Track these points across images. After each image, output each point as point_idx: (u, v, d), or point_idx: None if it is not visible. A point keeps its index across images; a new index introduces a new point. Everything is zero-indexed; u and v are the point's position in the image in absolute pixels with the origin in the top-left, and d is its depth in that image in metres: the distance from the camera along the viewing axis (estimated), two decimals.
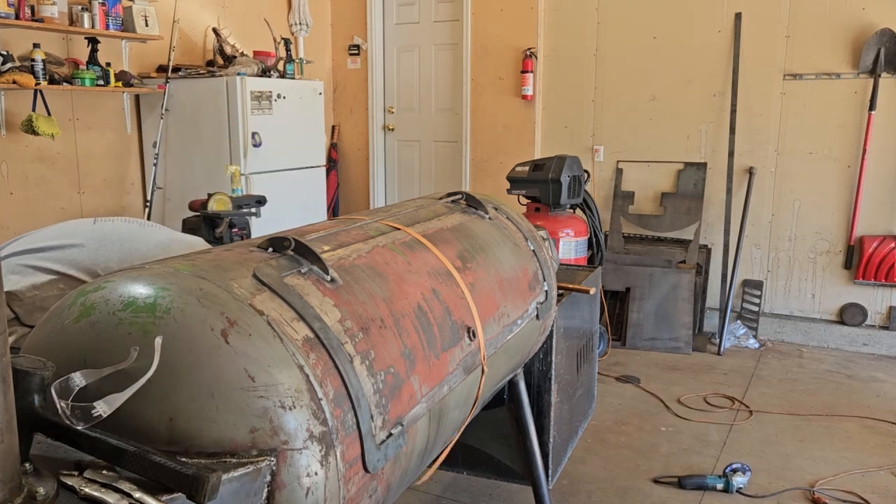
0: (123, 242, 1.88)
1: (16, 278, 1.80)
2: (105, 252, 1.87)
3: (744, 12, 4.94)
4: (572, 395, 2.88)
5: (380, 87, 6.36)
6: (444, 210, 2.06)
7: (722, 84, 5.06)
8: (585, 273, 3.04)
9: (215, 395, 1.04)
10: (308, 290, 1.28)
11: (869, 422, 3.71)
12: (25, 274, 1.83)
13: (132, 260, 1.84)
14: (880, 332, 4.78)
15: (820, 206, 4.91)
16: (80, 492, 0.93)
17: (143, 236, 1.95)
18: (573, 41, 5.50)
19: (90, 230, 1.90)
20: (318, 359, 1.16)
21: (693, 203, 5.17)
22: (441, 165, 6.25)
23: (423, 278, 1.60)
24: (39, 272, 1.82)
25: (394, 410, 1.30)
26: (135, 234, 1.93)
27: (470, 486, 3.02)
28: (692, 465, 3.25)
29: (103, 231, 1.90)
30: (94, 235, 1.89)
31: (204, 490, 0.90)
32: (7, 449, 0.85)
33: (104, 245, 1.88)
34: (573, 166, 4.56)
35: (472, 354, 1.65)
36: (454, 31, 5.99)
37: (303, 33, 6.07)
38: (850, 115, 4.75)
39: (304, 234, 1.50)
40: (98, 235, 1.89)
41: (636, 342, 4.88)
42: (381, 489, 1.29)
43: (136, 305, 1.11)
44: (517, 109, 5.73)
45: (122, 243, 1.88)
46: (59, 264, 1.83)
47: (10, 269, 1.83)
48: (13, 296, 1.77)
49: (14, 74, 3.83)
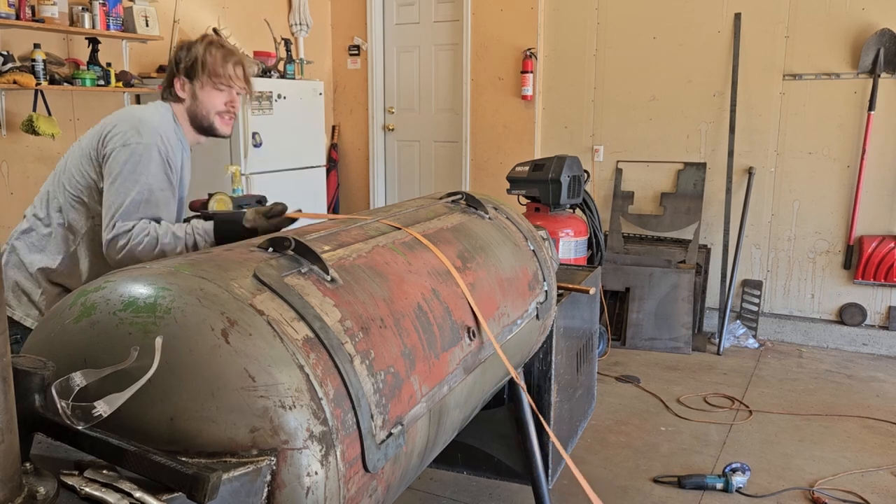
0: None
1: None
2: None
3: (743, 12, 4.94)
4: (572, 395, 2.88)
5: (380, 88, 6.36)
6: (444, 210, 2.07)
7: (722, 84, 5.06)
8: (585, 273, 3.04)
9: (216, 394, 1.04)
10: (308, 290, 1.28)
11: (868, 422, 3.71)
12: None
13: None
14: (880, 332, 4.78)
15: (819, 206, 4.91)
16: (81, 491, 0.93)
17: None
18: (573, 41, 5.50)
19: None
20: (318, 359, 1.16)
21: (693, 203, 5.17)
22: (441, 165, 6.25)
23: (423, 278, 1.60)
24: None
25: (394, 410, 1.30)
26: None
27: (470, 486, 3.02)
28: (692, 464, 3.25)
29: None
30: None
31: (204, 490, 0.90)
32: (7, 449, 0.85)
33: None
34: (573, 166, 4.56)
35: (473, 354, 1.66)
36: (454, 31, 5.99)
37: (303, 34, 6.07)
38: (850, 115, 4.75)
39: (305, 234, 1.51)
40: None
41: (636, 342, 4.88)
42: (381, 489, 1.29)
43: (136, 305, 1.11)
44: (517, 109, 5.73)
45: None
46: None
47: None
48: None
49: (15, 74, 3.83)
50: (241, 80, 2.25)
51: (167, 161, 2.11)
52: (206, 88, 2.21)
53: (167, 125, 2.18)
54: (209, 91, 2.21)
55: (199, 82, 2.20)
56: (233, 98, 2.25)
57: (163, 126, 2.16)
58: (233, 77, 2.22)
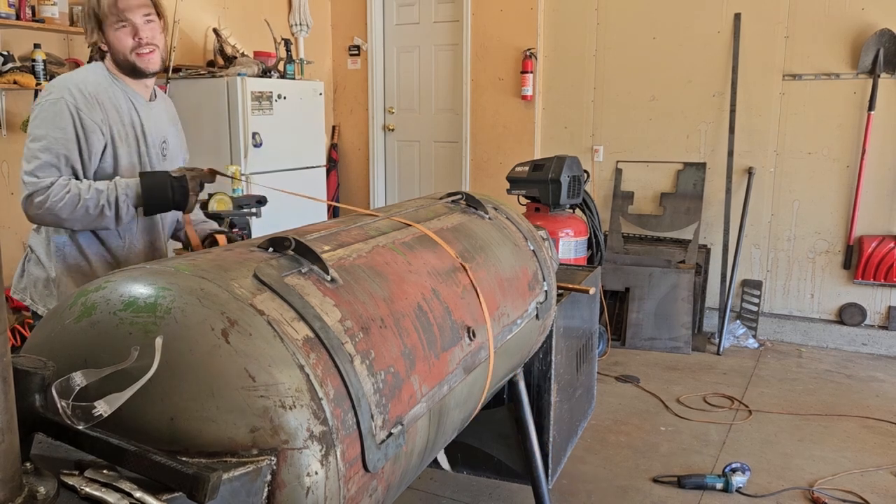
0: None
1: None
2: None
3: (743, 12, 4.94)
4: (572, 395, 2.89)
5: (380, 88, 6.36)
6: (444, 210, 2.07)
7: (721, 84, 5.06)
8: (585, 273, 3.04)
9: (216, 394, 1.04)
10: (308, 289, 1.28)
11: (868, 421, 3.71)
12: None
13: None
14: (879, 332, 4.78)
15: (819, 206, 4.91)
16: (81, 491, 0.93)
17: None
18: (573, 41, 5.50)
19: None
20: (318, 359, 1.16)
21: (692, 203, 5.17)
22: (441, 165, 6.25)
23: (423, 278, 1.60)
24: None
25: (394, 410, 1.30)
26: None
27: (470, 485, 3.02)
28: (692, 464, 3.25)
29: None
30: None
31: (204, 489, 0.90)
32: (8, 448, 0.85)
33: None
34: (573, 166, 4.56)
35: (472, 354, 1.66)
36: (454, 31, 5.99)
37: (303, 34, 6.07)
38: (850, 115, 4.75)
39: (305, 234, 1.51)
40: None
41: (636, 342, 4.88)
42: (381, 489, 1.30)
43: (136, 305, 1.11)
44: (517, 109, 5.73)
45: None
46: None
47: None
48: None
49: (15, 75, 3.83)
50: (136, 10, 2.16)
51: (76, 114, 2.08)
52: (110, 32, 2.16)
53: (91, 81, 2.15)
54: (114, 34, 2.16)
55: (105, 29, 2.17)
56: (137, 31, 2.16)
57: (82, 82, 2.13)
58: (126, 9, 2.15)
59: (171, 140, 2.39)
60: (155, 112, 2.31)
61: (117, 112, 2.17)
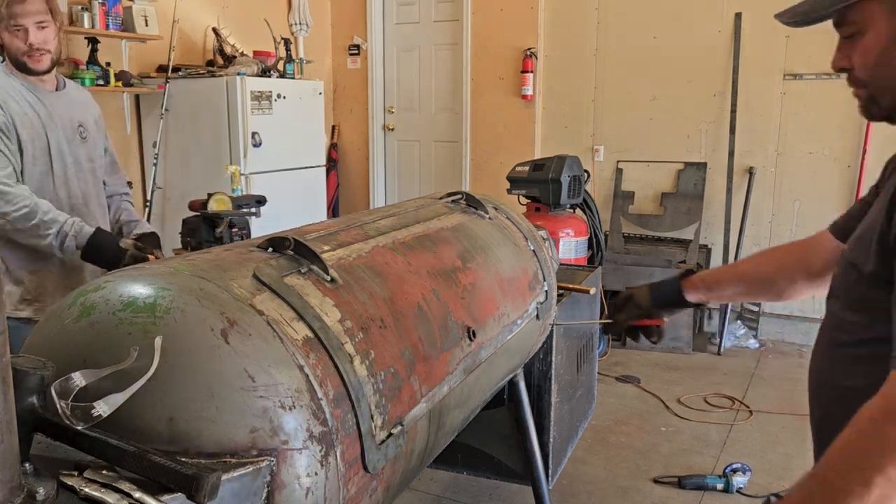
0: None
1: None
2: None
3: (744, 12, 4.94)
4: (572, 395, 2.88)
5: (380, 87, 6.36)
6: (444, 210, 2.06)
7: (722, 84, 5.05)
8: (585, 273, 3.04)
9: (215, 395, 1.04)
10: (308, 290, 1.28)
11: None
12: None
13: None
14: None
15: (820, 205, 4.90)
16: (80, 492, 0.93)
17: None
18: (573, 41, 5.50)
19: None
20: (318, 359, 1.16)
21: (693, 203, 5.17)
22: (441, 165, 6.25)
23: (423, 278, 1.60)
24: None
25: (394, 410, 1.30)
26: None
27: (470, 486, 3.02)
28: (692, 465, 3.25)
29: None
30: None
31: (204, 490, 0.90)
32: (7, 449, 0.85)
33: None
34: (573, 166, 4.56)
35: (473, 354, 1.65)
36: (454, 31, 5.99)
37: (303, 33, 6.07)
38: (851, 115, 4.74)
39: (304, 234, 1.50)
40: None
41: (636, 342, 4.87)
42: (381, 489, 1.29)
43: (136, 305, 1.11)
44: (517, 109, 5.73)
45: None
46: None
47: None
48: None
49: None
50: (30, 17, 2.21)
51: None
52: (4, 33, 2.23)
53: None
54: (8, 36, 2.23)
55: (0, 30, 2.23)
56: (29, 36, 2.22)
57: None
58: (20, 15, 2.19)
59: (91, 125, 2.47)
60: (65, 100, 2.39)
61: (17, 103, 2.24)
